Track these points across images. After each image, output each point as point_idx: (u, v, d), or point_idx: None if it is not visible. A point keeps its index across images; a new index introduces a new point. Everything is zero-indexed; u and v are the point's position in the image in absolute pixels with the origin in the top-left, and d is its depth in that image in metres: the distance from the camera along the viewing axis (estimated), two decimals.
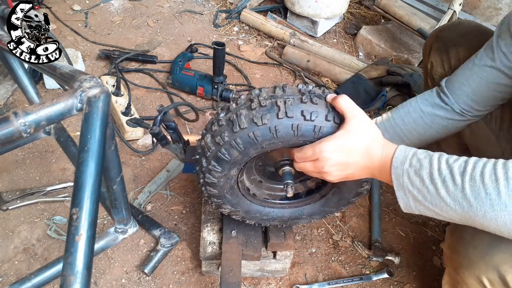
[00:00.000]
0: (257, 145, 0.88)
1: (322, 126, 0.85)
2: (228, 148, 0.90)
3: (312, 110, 0.85)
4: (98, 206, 0.71)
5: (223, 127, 0.90)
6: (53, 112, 0.72)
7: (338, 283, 1.37)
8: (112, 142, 0.88)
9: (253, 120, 0.86)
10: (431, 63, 1.31)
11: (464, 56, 1.21)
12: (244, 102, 0.91)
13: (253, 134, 0.86)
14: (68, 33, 2.29)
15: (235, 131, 0.87)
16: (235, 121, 0.87)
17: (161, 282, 1.33)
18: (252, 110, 0.87)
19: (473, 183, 0.68)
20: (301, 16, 2.46)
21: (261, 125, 0.85)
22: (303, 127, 0.85)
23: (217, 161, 0.93)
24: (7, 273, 1.30)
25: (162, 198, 1.57)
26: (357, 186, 1.02)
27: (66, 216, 1.46)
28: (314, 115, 0.85)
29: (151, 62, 2.14)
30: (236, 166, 0.96)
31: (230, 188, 1.04)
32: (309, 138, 0.87)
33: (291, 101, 0.86)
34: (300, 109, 0.85)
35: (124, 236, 1.13)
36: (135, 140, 1.76)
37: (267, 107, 0.86)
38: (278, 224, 1.21)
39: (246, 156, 0.91)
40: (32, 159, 1.63)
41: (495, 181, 0.67)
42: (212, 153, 0.93)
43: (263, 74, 2.22)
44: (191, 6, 2.63)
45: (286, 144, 0.89)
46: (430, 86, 1.35)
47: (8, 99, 1.85)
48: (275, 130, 0.85)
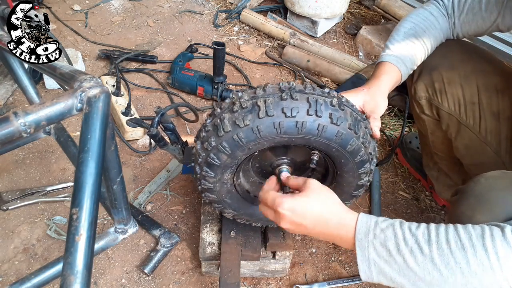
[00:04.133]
0: (243, 147, 0.89)
1: (304, 121, 0.85)
2: (216, 153, 0.91)
3: (292, 107, 0.85)
4: (98, 206, 0.71)
5: (210, 133, 0.92)
6: (53, 112, 0.72)
7: (338, 283, 1.37)
8: (112, 142, 0.88)
9: (235, 122, 0.86)
10: (414, 88, 1.32)
11: (447, 76, 1.23)
12: (227, 106, 0.92)
13: (237, 137, 0.87)
14: (68, 33, 2.29)
15: (220, 135, 0.88)
16: (219, 125, 0.88)
17: (161, 282, 1.33)
18: (234, 113, 0.88)
19: (441, 252, 0.70)
20: (301, 16, 2.46)
21: (243, 126, 0.86)
22: (285, 124, 0.85)
23: (208, 166, 0.94)
24: (7, 273, 1.30)
25: (162, 198, 1.57)
26: (356, 179, 1.01)
27: (66, 216, 1.46)
28: (295, 111, 0.85)
29: (151, 62, 2.14)
30: (228, 170, 0.96)
31: (228, 192, 1.04)
32: (293, 134, 0.87)
33: (271, 100, 0.86)
34: (280, 106, 0.85)
35: (124, 236, 1.13)
36: (135, 140, 1.76)
37: (248, 108, 0.87)
38: None
39: (235, 159, 0.92)
40: (32, 159, 1.63)
41: (462, 249, 0.69)
42: (203, 159, 0.94)
43: (263, 74, 2.22)
44: (191, 6, 2.63)
45: (272, 143, 0.89)
46: (417, 111, 1.36)
47: (8, 99, 1.85)
48: (258, 130, 0.85)
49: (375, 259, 0.75)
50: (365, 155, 0.95)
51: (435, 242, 0.71)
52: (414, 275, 0.72)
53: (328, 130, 0.87)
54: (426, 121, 1.36)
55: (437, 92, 1.26)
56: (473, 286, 0.69)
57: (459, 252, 0.69)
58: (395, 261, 0.73)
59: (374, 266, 0.76)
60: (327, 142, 0.89)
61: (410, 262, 0.72)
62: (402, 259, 0.73)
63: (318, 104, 0.86)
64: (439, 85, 1.25)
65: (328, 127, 0.87)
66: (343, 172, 0.98)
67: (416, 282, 0.73)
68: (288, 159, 1.05)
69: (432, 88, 1.27)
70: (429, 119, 1.35)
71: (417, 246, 0.72)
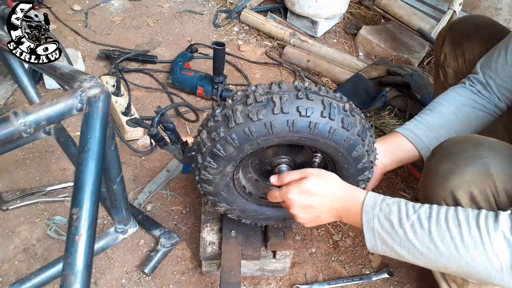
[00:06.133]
0: (253, 141, 0.88)
1: (317, 122, 0.85)
2: (223, 144, 0.90)
3: (307, 106, 0.85)
4: (98, 206, 0.72)
5: (219, 123, 0.90)
6: (53, 112, 0.72)
7: (338, 283, 1.37)
8: (112, 142, 0.88)
9: (248, 115, 0.86)
10: (444, 54, 1.31)
11: (478, 50, 1.22)
12: (240, 98, 0.91)
13: (248, 130, 0.86)
14: (68, 33, 2.29)
15: (230, 126, 0.87)
16: (231, 117, 0.87)
17: (161, 282, 1.33)
18: (248, 106, 0.87)
19: (439, 228, 0.76)
20: (301, 16, 2.46)
21: (256, 120, 0.85)
22: (298, 123, 0.85)
23: (212, 157, 0.93)
24: (7, 273, 1.30)
25: (162, 198, 1.57)
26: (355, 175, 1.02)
27: (66, 216, 1.46)
28: (310, 111, 0.85)
29: (151, 62, 2.14)
30: (232, 163, 0.95)
31: (226, 186, 1.03)
32: (304, 134, 0.87)
33: (286, 97, 0.86)
34: (295, 105, 0.85)
35: (124, 236, 1.13)
36: (135, 140, 1.76)
37: (263, 102, 0.86)
38: (274, 224, 1.21)
39: (241, 152, 0.91)
40: (32, 159, 1.63)
41: (458, 226, 0.75)
42: (208, 149, 0.92)
43: (263, 74, 2.22)
44: (191, 6, 2.62)
45: (282, 140, 0.89)
46: (441, 79, 1.35)
47: (8, 99, 1.85)
48: (270, 126, 0.85)
49: (379, 230, 0.81)
50: (367, 163, 0.97)
51: (434, 219, 0.77)
52: (413, 247, 0.78)
53: (338, 134, 0.88)
54: None
55: (466, 63, 1.26)
56: (466, 261, 0.75)
57: (455, 228, 0.75)
58: (397, 233, 0.79)
59: (378, 237, 0.82)
60: (335, 145, 0.90)
61: (410, 235, 0.78)
62: (403, 232, 0.79)
63: (332, 107, 0.87)
64: (469, 56, 1.25)
65: (339, 131, 0.88)
66: (343, 177, 0.98)
67: (415, 255, 0.79)
68: (288, 158, 1.05)
69: (462, 58, 1.27)
70: None
71: (418, 221, 0.78)
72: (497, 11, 2.33)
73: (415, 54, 2.31)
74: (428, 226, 0.77)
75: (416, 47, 2.35)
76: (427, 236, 0.77)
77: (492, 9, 2.34)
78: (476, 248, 0.73)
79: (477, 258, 0.73)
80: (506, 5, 2.28)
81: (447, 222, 0.76)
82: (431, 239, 0.76)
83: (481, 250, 0.73)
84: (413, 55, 2.31)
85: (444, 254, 0.76)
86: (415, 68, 2.07)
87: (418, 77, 1.93)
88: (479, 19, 1.28)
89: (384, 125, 1.96)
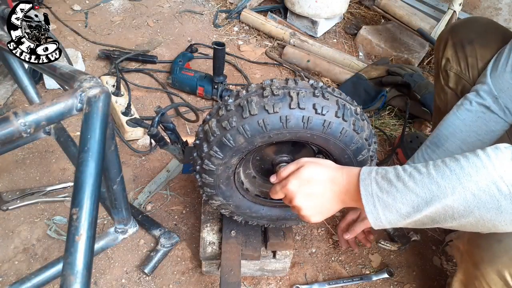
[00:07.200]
0: (265, 134, 0.88)
1: (331, 121, 0.86)
2: (234, 134, 0.88)
3: (324, 105, 0.86)
4: (98, 206, 0.71)
5: (232, 112, 0.89)
6: (53, 112, 0.72)
7: (338, 283, 1.37)
8: (112, 142, 0.88)
9: (264, 107, 0.85)
10: (446, 58, 1.30)
11: (481, 53, 1.21)
12: (255, 90, 0.90)
13: (262, 122, 0.85)
14: (68, 33, 2.29)
15: (244, 116, 0.86)
16: (246, 107, 0.86)
17: (161, 282, 1.33)
18: (264, 98, 0.87)
19: (437, 168, 0.73)
20: (301, 16, 2.46)
21: (272, 113, 0.85)
22: (313, 120, 0.86)
23: (220, 146, 0.92)
24: (7, 273, 1.30)
25: (162, 198, 1.57)
26: None
27: (66, 216, 1.46)
28: (325, 110, 0.85)
29: (151, 62, 2.14)
30: (238, 155, 0.94)
31: (227, 179, 1.02)
32: (317, 132, 0.87)
33: (303, 93, 0.86)
34: (312, 102, 0.86)
35: (124, 236, 1.13)
36: (135, 140, 1.76)
37: (280, 96, 0.86)
38: (265, 223, 1.21)
39: (251, 144, 0.90)
40: (32, 159, 1.63)
41: (456, 160, 0.72)
42: (216, 138, 0.91)
43: (263, 74, 2.22)
44: (191, 6, 2.63)
45: (294, 136, 0.89)
46: (441, 81, 1.35)
47: (8, 99, 1.85)
48: (286, 120, 0.85)
49: (378, 193, 0.77)
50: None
51: (432, 164, 0.75)
52: (415, 196, 0.74)
53: (348, 136, 0.89)
54: (448, 95, 1.34)
55: (469, 67, 1.25)
56: (470, 191, 0.70)
57: (454, 163, 0.72)
58: (396, 188, 0.75)
59: (378, 202, 0.77)
60: (343, 147, 0.91)
61: (409, 184, 0.74)
62: (402, 184, 0.75)
63: (346, 109, 0.87)
64: (472, 60, 1.24)
65: (350, 132, 0.89)
66: None
67: (419, 206, 0.74)
68: (290, 157, 1.05)
69: (465, 62, 1.26)
70: (452, 93, 1.33)
71: (415, 170, 0.76)
72: (497, 11, 2.33)
73: (415, 54, 2.31)
74: (426, 170, 0.74)
75: (416, 47, 2.35)
76: (426, 179, 0.73)
77: (492, 9, 2.34)
78: (478, 172, 0.69)
79: (482, 184, 0.69)
80: (506, 5, 2.28)
81: (444, 162, 0.74)
82: (431, 180, 0.73)
83: (484, 173, 0.69)
84: (413, 55, 2.31)
85: (447, 192, 0.71)
86: (415, 68, 2.07)
87: (418, 77, 1.93)
88: (481, 21, 1.27)
89: (384, 125, 1.97)
